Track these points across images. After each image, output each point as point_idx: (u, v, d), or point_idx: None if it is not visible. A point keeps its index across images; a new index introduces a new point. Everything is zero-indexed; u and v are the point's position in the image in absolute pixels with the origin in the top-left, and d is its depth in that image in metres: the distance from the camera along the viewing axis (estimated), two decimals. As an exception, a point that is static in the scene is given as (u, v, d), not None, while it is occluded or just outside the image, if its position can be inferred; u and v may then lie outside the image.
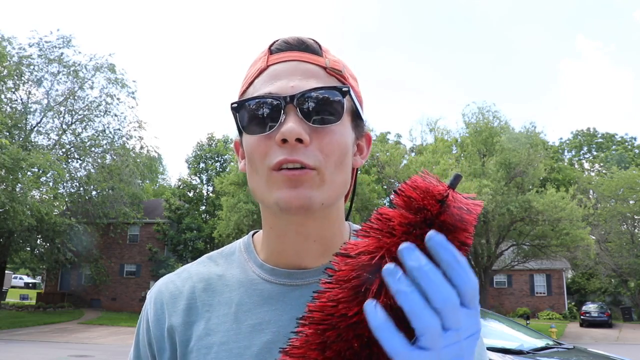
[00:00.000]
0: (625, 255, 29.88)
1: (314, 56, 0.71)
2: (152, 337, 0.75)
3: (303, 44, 0.71)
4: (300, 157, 0.64)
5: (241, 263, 0.78)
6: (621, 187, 30.05)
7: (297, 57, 0.70)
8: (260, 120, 0.67)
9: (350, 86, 0.71)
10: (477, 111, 24.08)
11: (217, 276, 0.77)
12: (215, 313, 0.73)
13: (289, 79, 0.68)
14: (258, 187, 0.69)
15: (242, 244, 0.82)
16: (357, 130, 0.74)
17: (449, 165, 21.37)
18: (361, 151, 0.77)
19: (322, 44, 0.73)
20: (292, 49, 0.71)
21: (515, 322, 7.23)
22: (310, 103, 0.66)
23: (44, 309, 28.45)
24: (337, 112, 0.67)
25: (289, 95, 0.66)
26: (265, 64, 0.71)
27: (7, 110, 23.43)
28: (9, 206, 18.37)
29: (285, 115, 0.65)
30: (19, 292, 40.94)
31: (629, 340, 20.51)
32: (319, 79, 0.69)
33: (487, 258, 23.03)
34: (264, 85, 0.69)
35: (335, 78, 0.71)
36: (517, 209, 20.83)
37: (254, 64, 0.74)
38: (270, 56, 0.72)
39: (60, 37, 25.76)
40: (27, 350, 14.68)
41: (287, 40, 0.72)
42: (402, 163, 24.08)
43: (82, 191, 27.22)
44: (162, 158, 51.19)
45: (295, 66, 0.69)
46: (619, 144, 49.55)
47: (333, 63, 0.71)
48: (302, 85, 0.67)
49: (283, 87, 0.67)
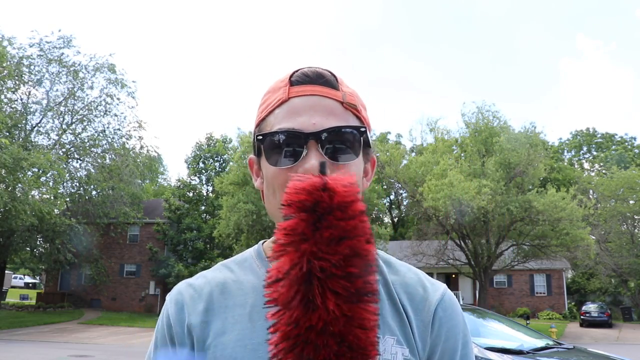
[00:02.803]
0: (625, 255, 29.87)
1: (332, 90, 0.78)
2: (174, 333, 0.81)
3: (322, 78, 0.78)
4: None
5: (254, 270, 0.84)
6: (621, 187, 30.05)
7: (317, 91, 0.77)
8: (283, 152, 0.74)
9: (363, 118, 0.80)
10: (476, 111, 24.07)
11: (232, 281, 0.83)
12: (231, 313, 0.79)
13: (310, 115, 0.75)
14: (277, 212, 0.74)
15: (254, 252, 0.89)
16: (366, 158, 0.82)
17: (449, 165, 21.36)
18: (367, 174, 0.84)
19: (337, 76, 0.80)
20: (312, 82, 0.78)
21: (515, 322, 7.23)
22: (330, 140, 0.74)
23: (44, 309, 28.45)
24: (355, 149, 0.76)
25: (311, 131, 0.73)
26: (286, 95, 0.78)
27: (7, 111, 23.43)
28: (11, 205, 18.39)
29: (307, 150, 0.73)
30: (19, 292, 40.93)
31: (629, 340, 20.51)
32: (337, 116, 0.76)
33: (487, 258, 23.01)
34: (286, 117, 0.76)
35: (351, 112, 0.78)
36: (517, 209, 20.81)
37: (273, 92, 0.81)
38: (290, 88, 0.78)
39: (61, 37, 25.78)
40: (27, 350, 14.68)
41: (307, 73, 0.79)
42: (402, 163, 24.06)
43: (82, 191, 27.25)
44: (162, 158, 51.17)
45: (316, 102, 0.76)
46: (618, 144, 49.52)
47: (349, 97, 0.79)
48: (322, 123, 0.74)
49: (305, 123, 0.74)
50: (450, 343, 0.81)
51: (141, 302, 30.80)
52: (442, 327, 0.81)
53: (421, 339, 0.78)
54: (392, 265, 0.86)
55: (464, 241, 23.45)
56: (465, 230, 22.57)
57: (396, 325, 0.78)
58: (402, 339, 0.77)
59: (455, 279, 30.78)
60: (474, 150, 23.47)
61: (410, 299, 0.81)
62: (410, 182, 22.67)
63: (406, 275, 0.85)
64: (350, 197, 0.50)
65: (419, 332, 0.79)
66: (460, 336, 0.83)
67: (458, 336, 0.82)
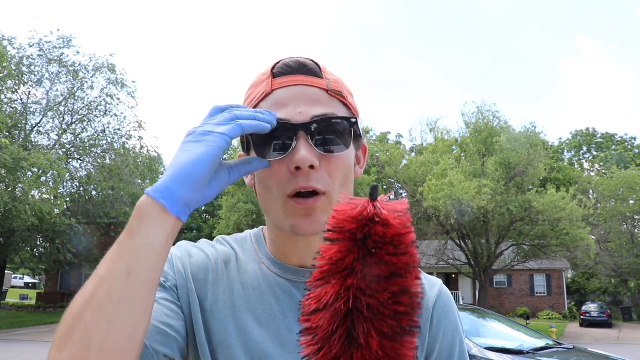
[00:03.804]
0: (625, 255, 29.86)
1: (316, 79, 0.75)
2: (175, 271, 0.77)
3: (304, 67, 0.75)
4: (313, 184, 0.70)
5: (253, 252, 0.83)
6: (621, 187, 30.03)
7: (300, 81, 0.74)
8: (272, 145, 0.71)
9: (350, 105, 0.78)
10: (476, 111, 24.07)
11: (234, 257, 0.82)
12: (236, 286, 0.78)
13: (296, 104, 0.72)
14: (273, 209, 0.74)
15: (253, 235, 0.87)
16: (356, 146, 0.80)
17: (449, 165, 21.36)
18: (359, 161, 0.83)
19: (320, 64, 0.77)
20: (294, 72, 0.75)
21: (515, 322, 7.24)
22: (320, 131, 0.71)
23: (44, 309, 28.45)
24: (345, 140, 0.73)
25: (299, 122, 0.71)
26: (269, 87, 0.75)
27: (7, 111, 23.42)
28: (11, 205, 18.39)
29: (296, 142, 0.70)
30: (19, 292, 40.91)
31: (629, 340, 20.50)
32: (323, 103, 0.74)
33: (487, 258, 23.01)
34: (272, 110, 0.73)
35: (337, 99, 0.76)
36: (517, 209, 20.81)
37: (255, 86, 0.78)
38: (273, 80, 0.75)
39: (61, 38, 25.74)
40: (27, 350, 14.68)
41: (289, 63, 0.76)
42: (402, 163, 24.07)
43: (82, 191, 27.23)
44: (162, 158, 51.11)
45: (300, 91, 0.74)
46: (618, 144, 49.51)
47: (334, 84, 0.76)
48: (309, 112, 0.72)
49: (291, 113, 0.72)
50: (449, 338, 0.82)
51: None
52: (440, 323, 0.81)
53: (419, 336, 0.78)
54: None
55: (464, 241, 23.45)
56: (465, 230, 22.57)
57: None
58: None
59: (455, 279, 30.77)
60: (474, 150, 23.47)
61: None
62: (410, 182, 22.67)
63: None
64: (404, 230, 0.46)
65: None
66: (458, 333, 0.84)
67: (456, 332, 0.83)
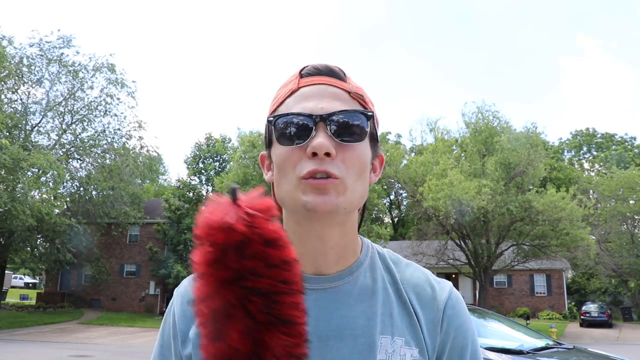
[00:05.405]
0: (625, 255, 29.87)
1: (340, 81, 0.81)
2: (178, 330, 0.82)
3: (330, 71, 0.82)
4: (327, 168, 0.73)
5: None
6: (621, 187, 30.05)
7: (325, 81, 0.80)
8: (293, 134, 0.76)
9: (369, 109, 0.82)
10: (476, 111, 24.06)
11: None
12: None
13: (319, 100, 0.78)
14: (288, 192, 0.77)
15: None
16: (374, 150, 0.83)
17: (449, 165, 21.37)
18: (375, 170, 0.86)
19: (346, 73, 0.84)
20: (320, 74, 0.82)
21: (515, 322, 7.23)
22: (338, 122, 0.76)
23: (44, 309, 28.45)
24: (361, 132, 0.78)
25: (319, 114, 0.76)
26: (296, 85, 0.81)
27: (8, 111, 23.42)
28: (10, 206, 18.38)
29: (315, 132, 0.75)
30: (19, 292, 40.91)
31: (629, 340, 20.51)
32: (344, 102, 0.79)
33: (487, 258, 23.01)
34: (296, 104, 0.79)
35: (358, 102, 0.81)
36: (517, 209, 20.82)
37: (284, 86, 0.84)
38: (300, 79, 0.82)
39: (61, 37, 25.76)
40: (27, 350, 14.68)
41: (316, 66, 0.83)
42: (402, 163, 24.08)
43: (82, 191, 27.24)
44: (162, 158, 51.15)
45: (324, 89, 0.79)
46: (618, 144, 49.52)
47: (356, 89, 0.82)
48: (330, 107, 0.77)
49: (314, 107, 0.77)
50: (459, 341, 0.81)
51: (141, 302, 30.80)
52: (450, 325, 0.81)
53: (431, 338, 0.79)
54: (400, 265, 0.87)
55: (464, 241, 23.45)
56: (465, 230, 22.57)
57: (405, 326, 0.78)
58: (411, 339, 0.77)
59: (455, 279, 30.76)
60: (474, 150, 23.48)
61: (419, 299, 0.82)
62: (410, 182, 22.68)
63: (414, 274, 0.85)
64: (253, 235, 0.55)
65: (429, 331, 0.79)
66: (469, 333, 0.83)
67: (467, 333, 0.83)
